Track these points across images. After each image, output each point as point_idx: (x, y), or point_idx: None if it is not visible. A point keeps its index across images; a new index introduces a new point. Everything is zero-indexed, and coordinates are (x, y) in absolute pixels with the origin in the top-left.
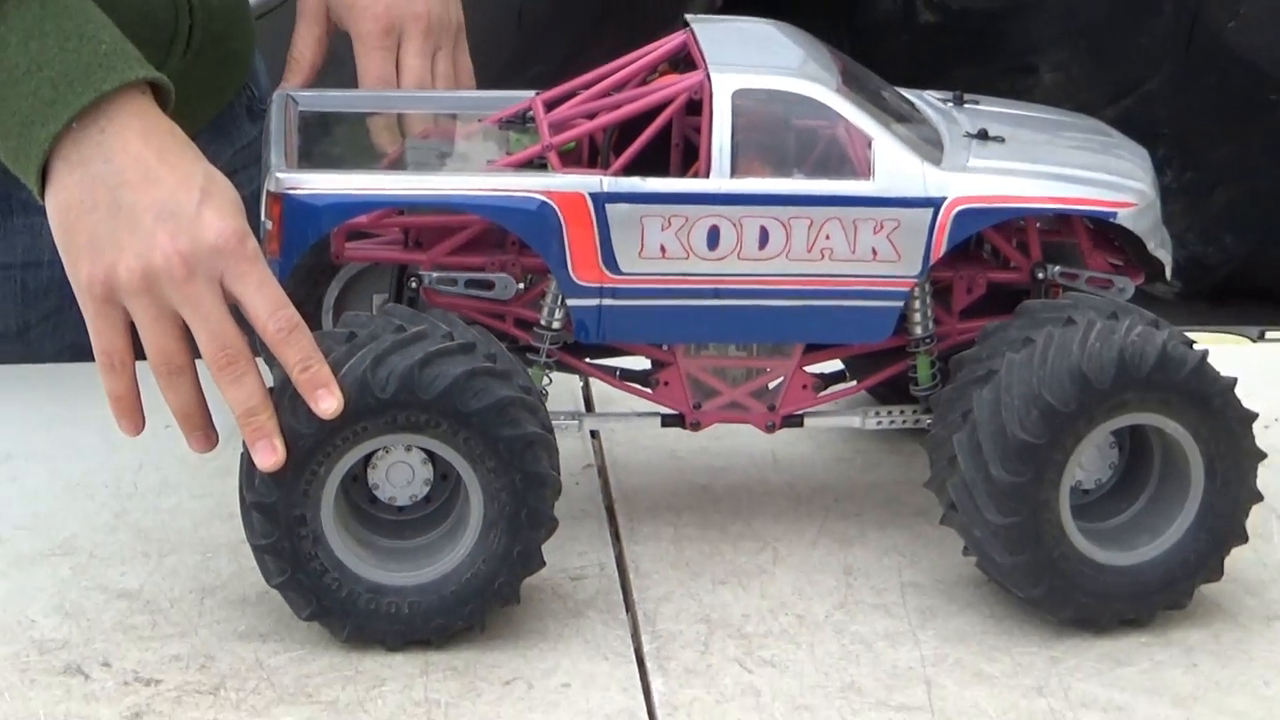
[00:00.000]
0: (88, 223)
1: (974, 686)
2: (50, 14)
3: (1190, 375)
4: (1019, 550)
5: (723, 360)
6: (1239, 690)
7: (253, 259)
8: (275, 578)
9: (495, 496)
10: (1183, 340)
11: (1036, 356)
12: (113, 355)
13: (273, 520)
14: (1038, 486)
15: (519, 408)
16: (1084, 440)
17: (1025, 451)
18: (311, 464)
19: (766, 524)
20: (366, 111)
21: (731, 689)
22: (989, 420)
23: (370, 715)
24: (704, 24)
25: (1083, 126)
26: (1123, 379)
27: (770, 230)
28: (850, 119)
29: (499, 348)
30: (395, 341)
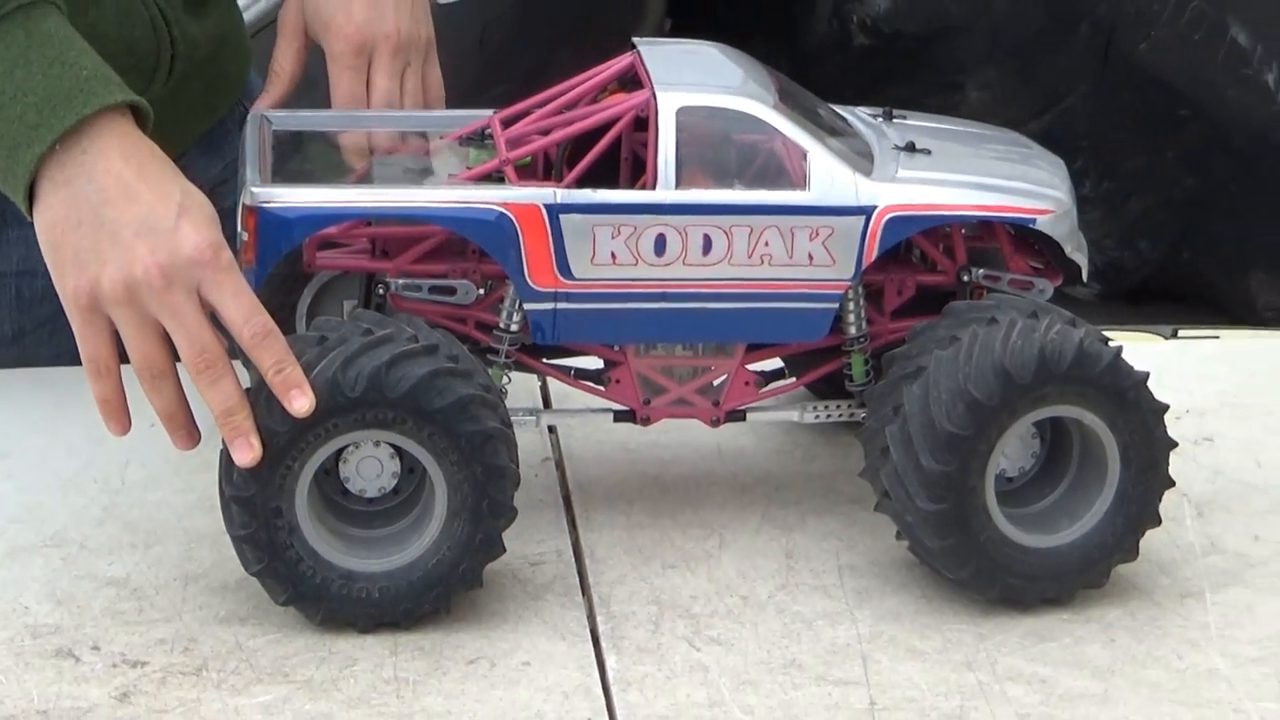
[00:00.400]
0: (73, 238)
1: (907, 662)
2: (35, 43)
3: (1105, 370)
4: (948, 534)
5: (670, 360)
6: (1154, 663)
7: (227, 269)
8: (253, 566)
9: (458, 488)
10: (1098, 338)
11: (962, 354)
12: (98, 361)
13: (250, 512)
14: (964, 475)
15: (479, 405)
16: (1007, 432)
17: (952, 442)
18: (286, 459)
19: (713, 512)
20: (336, 130)
21: (681, 666)
22: (919, 414)
23: (343, 693)
24: (650, 46)
25: (1003, 139)
26: (1043, 374)
27: (713, 238)
28: (787, 133)
29: (460, 349)
30: (363, 344)
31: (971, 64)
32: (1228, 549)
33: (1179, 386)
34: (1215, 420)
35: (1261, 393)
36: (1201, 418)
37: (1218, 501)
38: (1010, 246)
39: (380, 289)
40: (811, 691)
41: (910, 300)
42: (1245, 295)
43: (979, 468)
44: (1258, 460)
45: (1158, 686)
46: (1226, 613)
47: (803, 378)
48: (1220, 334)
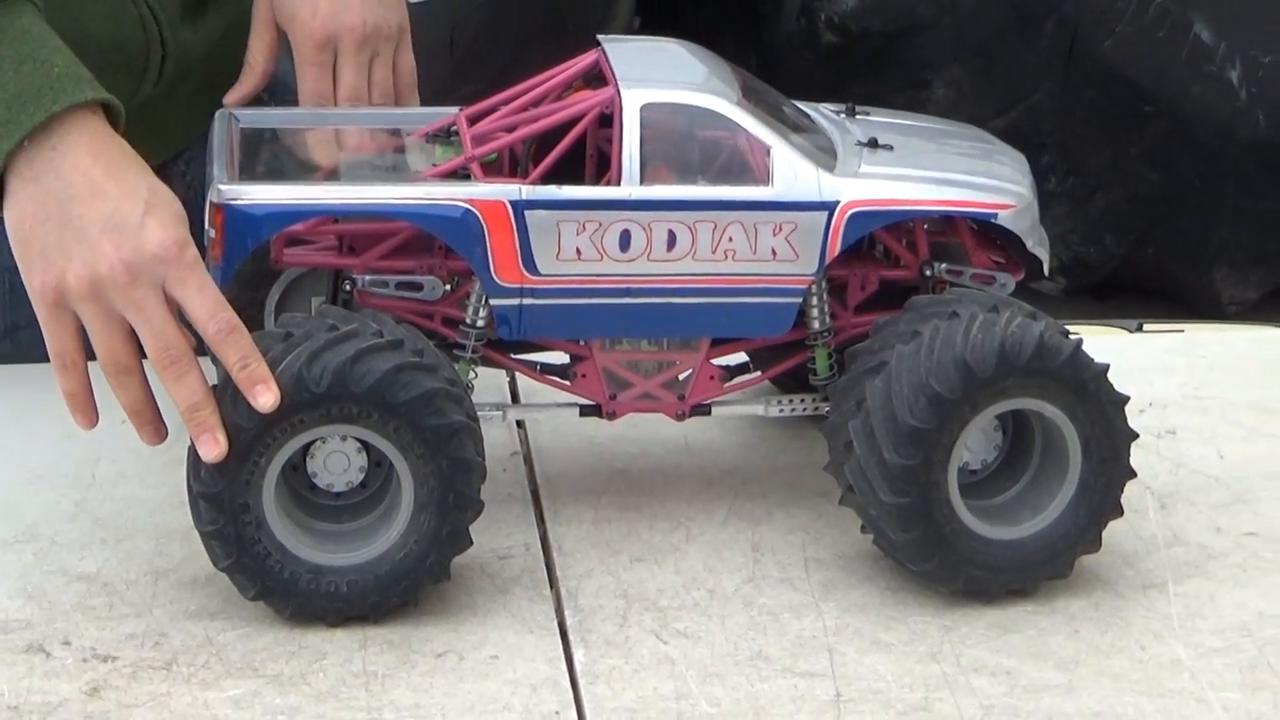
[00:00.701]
0: (40, 234)
1: (873, 654)
2: (6, 40)
3: (1066, 363)
4: (911, 527)
5: (636, 354)
6: (1117, 654)
7: (192, 266)
8: (222, 561)
9: (424, 481)
10: (1059, 330)
11: (924, 348)
12: (64, 356)
13: (218, 508)
14: (927, 468)
15: (444, 399)
16: (969, 425)
17: (915, 436)
18: (253, 455)
19: (680, 505)
20: (303, 127)
21: (648, 659)
22: (881, 408)
23: (312, 687)
24: (614, 44)
25: (965, 135)
26: (1004, 367)
27: (678, 233)
28: (750, 130)
29: (425, 344)
30: (329, 339)
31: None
32: (1190, 541)
33: (1141, 380)
34: (1177, 413)
35: (1223, 386)
36: (1164, 410)
37: (1180, 493)
38: (972, 241)
39: (347, 285)
40: (778, 684)
41: (874, 295)
42: (1210, 290)
43: (941, 461)
44: (1219, 452)
45: (1121, 677)
46: (1189, 604)
47: (767, 372)
48: (1184, 328)
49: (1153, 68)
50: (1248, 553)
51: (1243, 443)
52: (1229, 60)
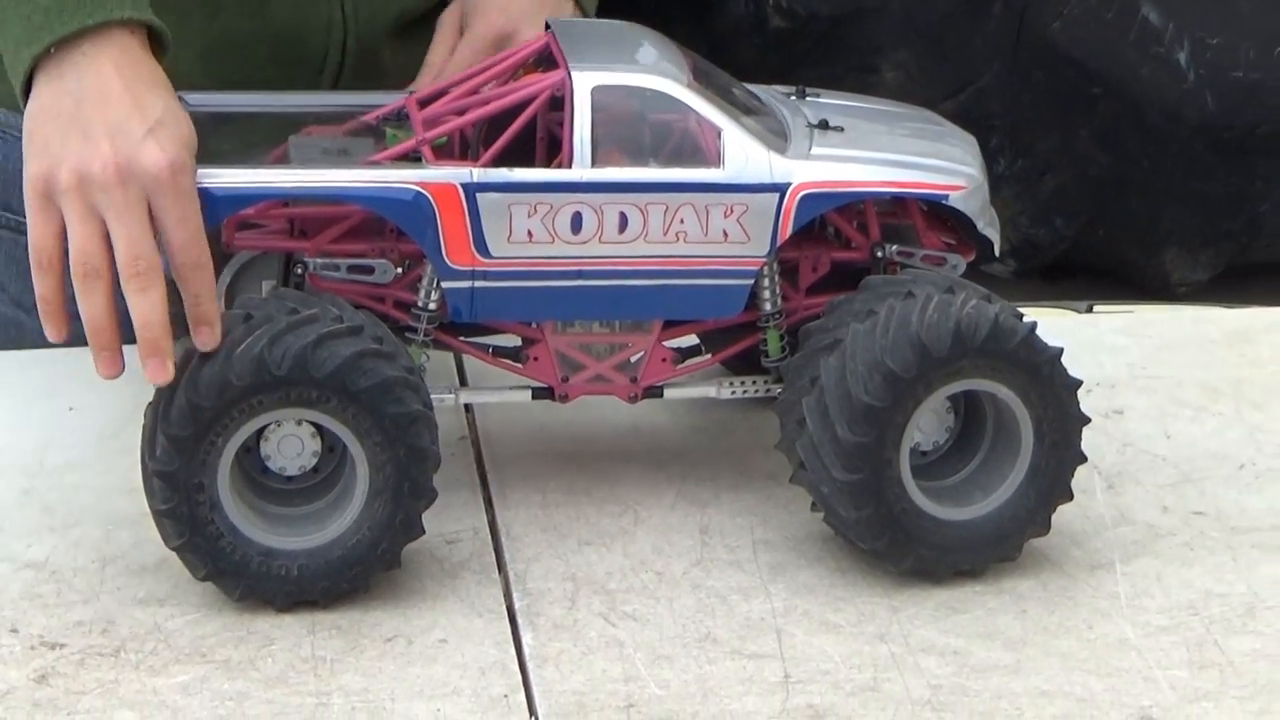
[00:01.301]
0: (46, 128)
1: (821, 635)
2: None
3: (1020, 345)
4: (863, 505)
5: (588, 336)
6: (1065, 634)
7: (180, 192)
8: (174, 540)
9: (380, 469)
10: (1013, 313)
11: (879, 327)
12: (43, 253)
13: (173, 486)
14: (880, 446)
15: (403, 387)
16: (923, 404)
17: (869, 414)
18: (210, 435)
19: (628, 489)
20: (252, 111)
21: (597, 641)
22: (835, 386)
23: (261, 672)
24: (564, 26)
25: (915, 117)
26: (958, 347)
27: (629, 215)
28: (701, 112)
29: (384, 330)
30: (290, 323)
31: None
32: (1137, 520)
33: (1089, 360)
34: (1125, 393)
35: (1170, 365)
36: (1112, 390)
37: (1127, 473)
38: (923, 223)
39: (299, 269)
40: (726, 665)
41: (825, 277)
42: (1159, 271)
43: (894, 440)
44: (1166, 432)
45: (1069, 656)
46: (1136, 583)
47: (719, 354)
48: (1134, 309)
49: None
50: (1194, 531)
51: (1190, 422)
52: (1177, 42)
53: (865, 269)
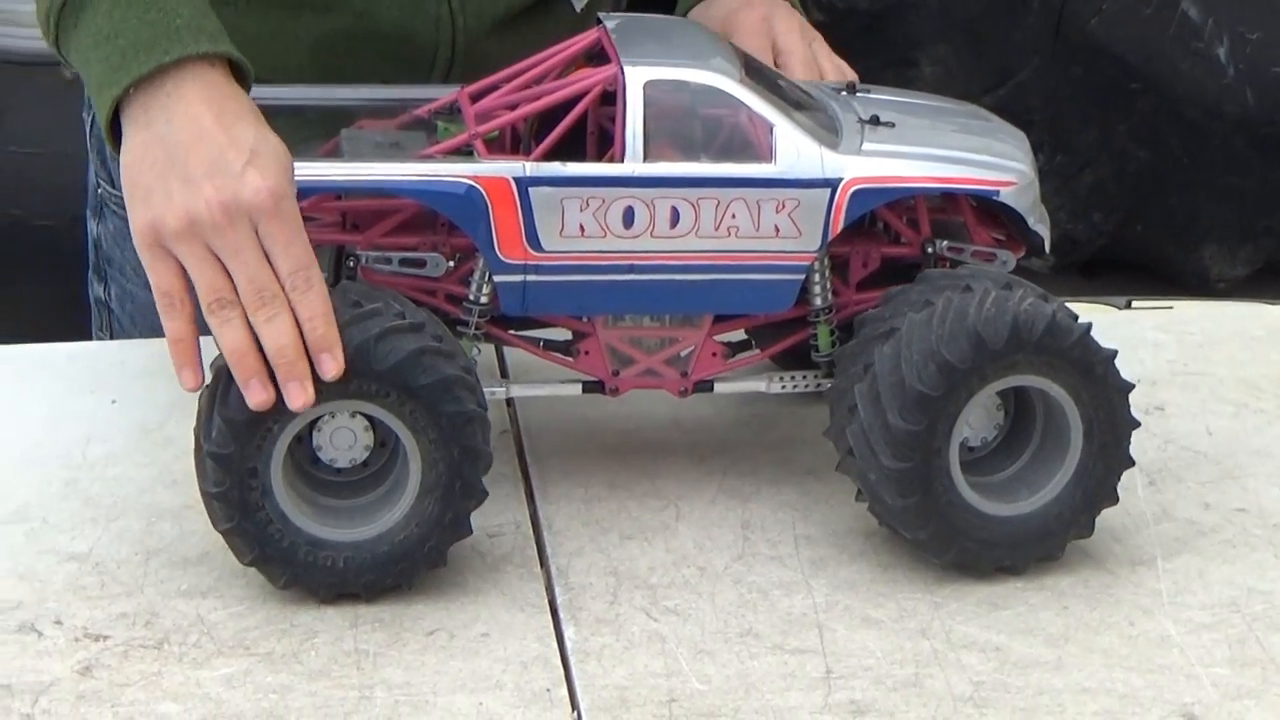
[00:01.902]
0: (146, 176)
1: (862, 630)
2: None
3: (1075, 344)
4: (909, 493)
5: (639, 330)
6: (1106, 630)
7: (285, 218)
8: (222, 523)
9: (434, 466)
10: (1070, 313)
11: (936, 317)
12: (170, 295)
13: (226, 469)
14: (931, 436)
15: (461, 386)
16: (976, 397)
17: (921, 402)
18: (267, 420)
19: (669, 483)
20: (306, 104)
21: (638, 636)
22: (889, 373)
23: (304, 665)
24: (616, 21)
25: (964, 112)
26: (1014, 342)
27: (681, 210)
28: (753, 107)
29: (443, 329)
30: (353, 315)
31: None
32: (1179, 516)
33: (1130, 356)
34: (1166, 389)
35: (1211, 362)
36: (1153, 387)
37: (1169, 470)
38: (974, 218)
39: (350, 262)
40: (768, 660)
41: (875, 272)
42: (1198, 267)
43: (945, 430)
44: (1207, 428)
45: (1110, 653)
46: (1178, 579)
47: (769, 349)
48: (1173, 305)
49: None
50: (1236, 528)
51: (1231, 419)
52: (1216, 37)
53: (915, 265)
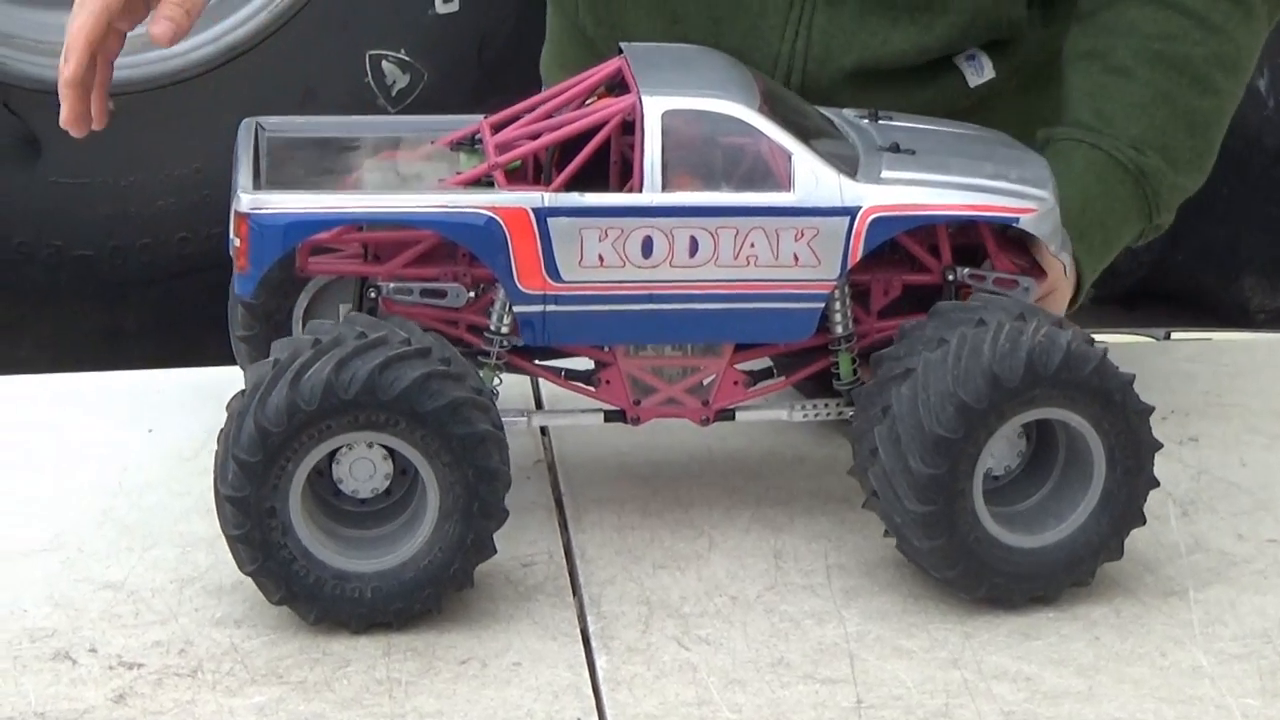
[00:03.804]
0: None
1: (894, 660)
2: None
3: (1092, 373)
4: (936, 535)
5: (660, 360)
6: (1138, 660)
7: None
8: (247, 565)
9: (450, 489)
10: (1085, 340)
11: (950, 356)
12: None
13: (244, 512)
14: (953, 477)
15: (471, 407)
16: (995, 434)
17: (941, 445)
18: (280, 459)
19: (702, 513)
20: (328, 136)
21: (670, 665)
22: (907, 415)
23: (336, 694)
24: (637, 50)
25: (989, 139)
26: (1030, 377)
27: (699, 240)
28: (771, 136)
29: (452, 352)
30: (357, 346)
31: None
32: (1211, 547)
33: (1163, 386)
34: (1200, 420)
35: (1245, 393)
36: (1186, 417)
37: (1201, 500)
38: (995, 246)
39: (371, 293)
40: (799, 690)
41: (897, 299)
42: (1238, 298)
43: (967, 470)
44: (1241, 459)
45: (1141, 683)
46: (1210, 610)
47: (791, 377)
48: (1212, 337)
49: None
50: (1269, 559)
51: (1264, 450)
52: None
53: (938, 292)
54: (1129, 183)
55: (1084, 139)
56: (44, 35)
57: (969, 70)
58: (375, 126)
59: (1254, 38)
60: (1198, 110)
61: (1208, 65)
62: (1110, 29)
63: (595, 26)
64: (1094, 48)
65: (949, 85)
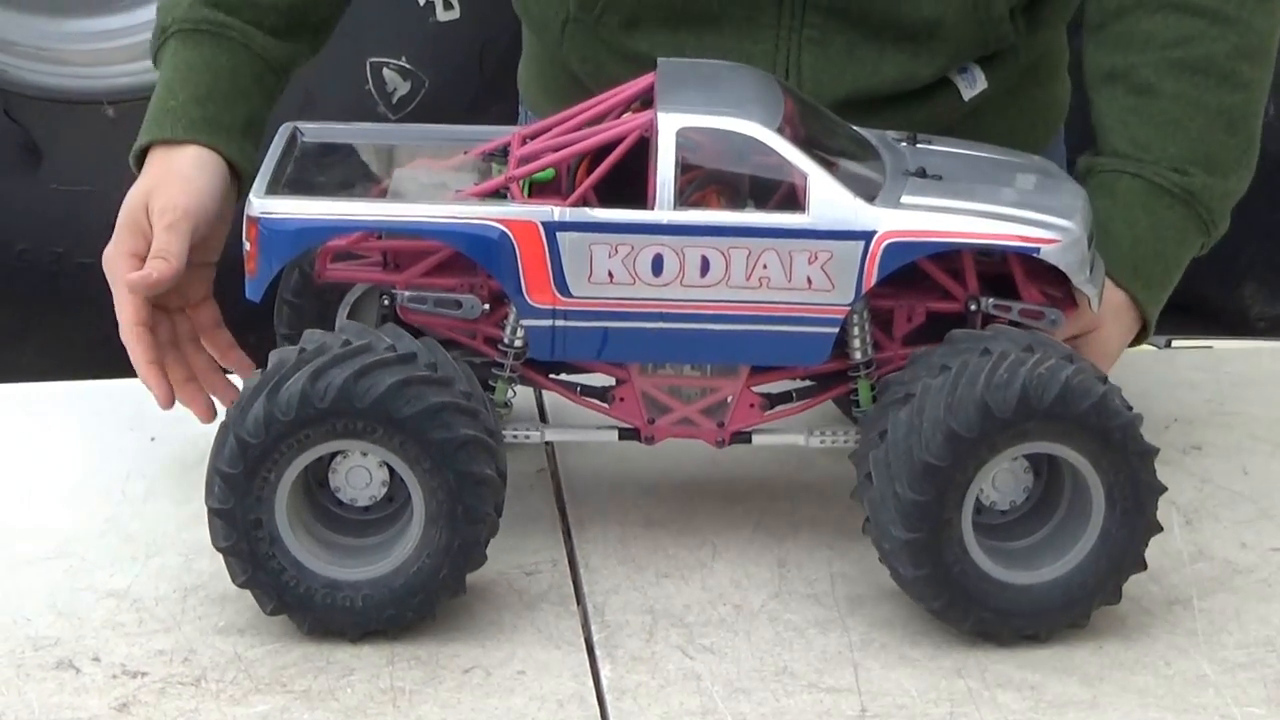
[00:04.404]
0: None
1: (898, 669)
2: (173, 61)
3: (1090, 409)
4: (921, 564)
5: (676, 379)
6: (1142, 669)
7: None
8: (239, 577)
9: (433, 495)
10: (1093, 375)
11: (949, 384)
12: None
13: (231, 524)
14: (940, 506)
15: (453, 412)
16: (987, 465)
17: (929, 472)
18: (262, 470)
19: (706, 521)
20: (364, 143)
21: (674, 674)
22: (901, 441)
23: (340, 703)
24: (669, 65)
25: (1027, 166)
26: (1024, 410)
27: (711, 259)
28: (787, 156)
29: (442, 356)
30: (336, 355)
31: None
32: (1215, 556)
33: (1167, 396)
34: (1203, 429)
35: (1248, 402)
36: (1190, 426)
37: (1205, 509)
38: (1023, 275)
39: (385, 300)
40: (803, 699)
41: (922, 326)
42: (1239, 306)
43: (956, 500)
44: (1244, 468)
45: (1145, 692)
46: (1214, 619)
47: (809, 401)
48: (1213, 344)
49: None
50: (1273, 568)
51: (1268, 458)
52: None
53: (964, 320)
54: (1178, 207)
55: (1124, 169)
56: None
57: (962, 84)
58: (411, 135)
59: (1272, 18)
60: (1233, 108)
61: (1231, 60)
62: (1126, 44)
63: (580, 64)
64: (1114, 68)
65: (944, 101)
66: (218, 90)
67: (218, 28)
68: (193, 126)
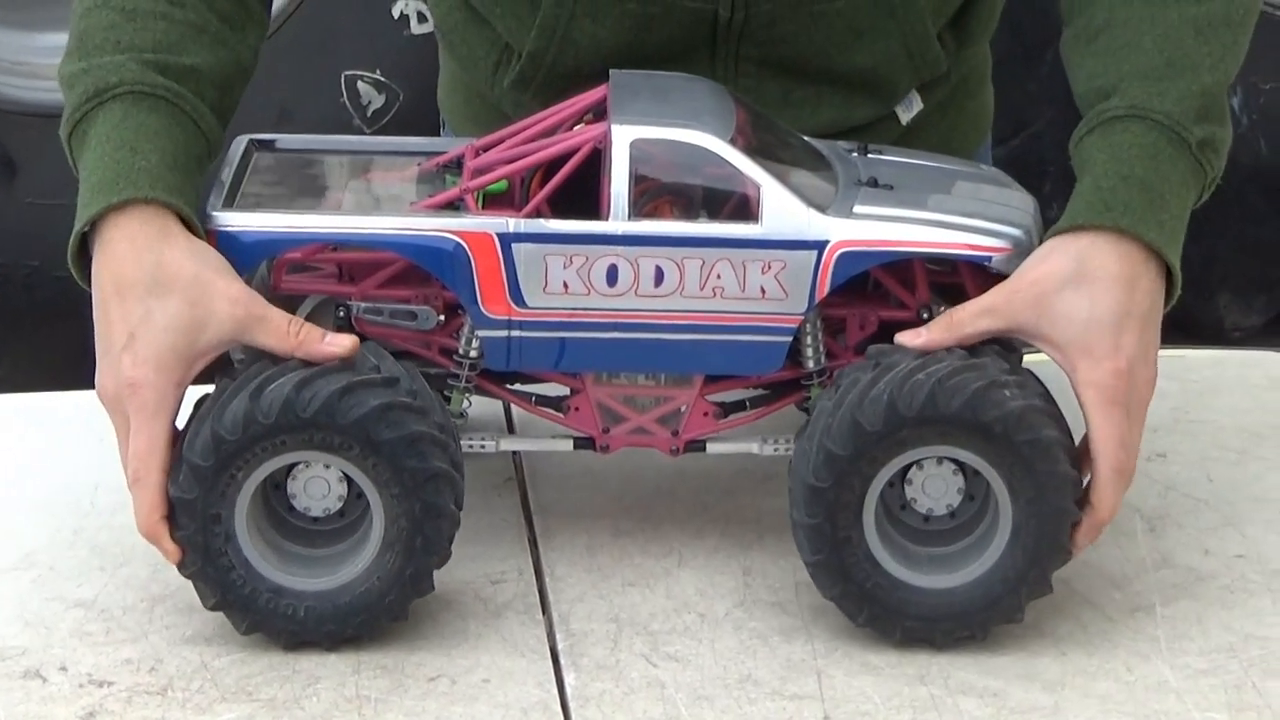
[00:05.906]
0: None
1: (862, 676)
2: (125, 123)
3: (963, 407)
4: (833, 584)
5: (630, 388)
6: (1104, 676)
7: (139, 410)
8: (186, 568)
9: (395, 521)
10: (975, 374)
11: (833, 403)
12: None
13: (190, 514)
14: (833, 527)
15: (429, 443)
16: (874, 480)
17: (814, 496)
18: (231, 468)
19: (672, 530)
20: (319, 154)
21: (638, 682)
22: (798, 465)
23: (306, 711)
24: (622, 78)
25: (978, 175)
26: (893, 420)
27: (665, 269)
28: (740, 167)
29: (422, 385)
30: (324, 367)
31: None
32: (1178, 563)
33: None
34: (1167, 436)
35: (1213, 409)
36: (1154, 434)
37: (1169, 516)
38: (975, 284)
39: (340, 312)
40: (767, 706)
41: (874, 335)
42: (1213, 316)
43: (848, 519)
44: (1208, 476)
45: (1107, 699)
46: (1176, 625)
47: (762, 410)
48: (1185, 354)
49: None
50: (1235, 575)
51: (1232, 466)
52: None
53: None
54: (1134, 125)
55: (1089, 123)
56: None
57: (900, 110)
58: (366, 146)
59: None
60: (1197, 16)
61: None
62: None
63: (511, 106)
64: (1076, 34)
65: (884, 126)
66: (179, 162)
67: (174, 96)
68: (171, 191)
